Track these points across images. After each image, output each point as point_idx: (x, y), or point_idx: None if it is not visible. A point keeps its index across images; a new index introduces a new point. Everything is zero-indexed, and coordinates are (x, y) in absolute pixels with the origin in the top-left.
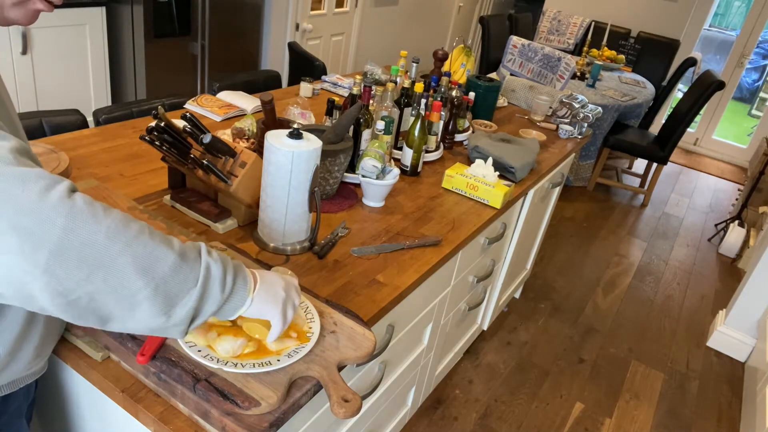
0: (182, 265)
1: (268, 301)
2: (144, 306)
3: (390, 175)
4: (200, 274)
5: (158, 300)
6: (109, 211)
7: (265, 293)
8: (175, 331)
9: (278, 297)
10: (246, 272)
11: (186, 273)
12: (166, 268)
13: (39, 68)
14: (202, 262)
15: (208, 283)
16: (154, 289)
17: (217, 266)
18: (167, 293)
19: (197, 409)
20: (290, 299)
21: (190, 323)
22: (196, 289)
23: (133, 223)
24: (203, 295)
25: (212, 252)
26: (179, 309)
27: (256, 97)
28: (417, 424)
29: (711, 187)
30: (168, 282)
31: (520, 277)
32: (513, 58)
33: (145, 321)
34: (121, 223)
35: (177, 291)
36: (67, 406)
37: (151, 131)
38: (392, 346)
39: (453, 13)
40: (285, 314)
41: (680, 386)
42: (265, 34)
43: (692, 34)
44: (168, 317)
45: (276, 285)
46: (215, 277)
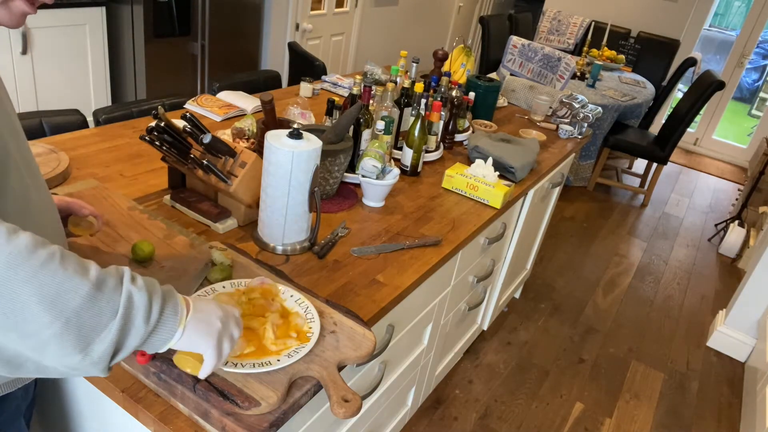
0: (98, 295)
1: (201, 333)
2: (54, 344)
3: (390, 175)
4: (120, 304)
5: (71, 336)
6: (15, 235)
7: (198, 324)
8: (95, 370)
9: (213, 328)
10: (177, 300)
11: (103, 304)
12: (79, 300)
13: (39, 68)
14: (123, 291)
15: (130, 314)
16: (64, 324)
17: (140, 295)
18: (81, 328)
19: (197, 409)
20: (227, 331)
21: (112, 359)
22: (116, 322)
23: (41, 249)
24: (124, 327)
25: (137, 279)
26: (97, 345)
27: (256, 97)
28: (417, 424)
29: (711, 187)
30: (81, 316)
31: (520, 277)
32: (513, 58)
33: (60, 359)
34: (26, 249)
35: (93, 325)
36: (66, 406)
37: (151, 131)
38: (392, 346)
39: (453, 13)
40: (220, 348)
41: (680, 386)
42: (265, 34)
43: (692, 34)
44: (84, 354)
45: (212, 315)
46: (138, 306)
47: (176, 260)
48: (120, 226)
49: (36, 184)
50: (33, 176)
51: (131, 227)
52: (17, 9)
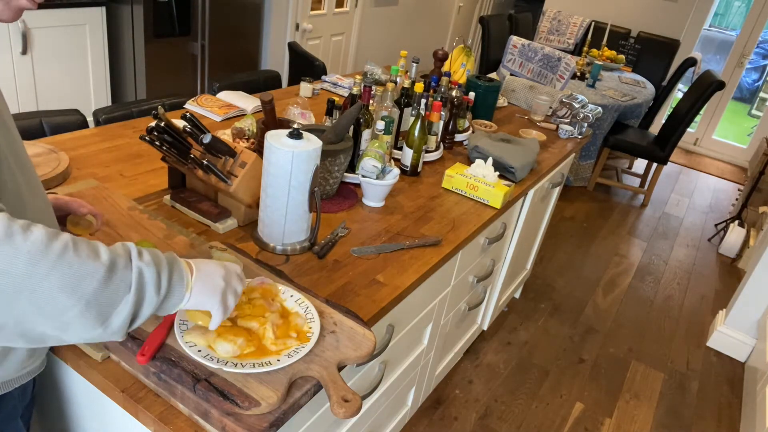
0: (112, 276)
1: (207, 293)
2: (78, 322)
3: (390, 175)
4: (133, 280)
5: (91, 314)
6: (29, 232)
7: (203, 284)
8: (115, 337)
9: (217, 287)
10: (181, 266)
11: (117, 282)
12: (96, 283)
13: (39, 68)
14: (134, 267)
15: (142, 287)
16: (85, 305)
17: (149, 269)
18: (100, 306)
19: (197, 409)
20: (230, 287)
21: (129, 326)
22: (131, 295)
23: (55, 242)
24: (138, 299)
25: (143, 254)
26: (115, 318)
27: (256, 97)
28: (417, 424)
29: (711, 187)
30: (99, 296)
31: (520, 277)
32: (513, 58)
33: (82, 334)
34: (42, 244)
35: (110, 302)
36: (66, 406)
37: (151, 131)
38: (392, 346)
39: (453, 13)
40: (225, 303)
41: (680, 386)
42: (265, 34)
43: (692, 34)
44: (105, 327)
45: (214, 275)
46: (149, 280)
47: None
48: (120, 226)
49: (29, 182)
50: (26, 174)
51: (131, 227)
52: (15, 4)
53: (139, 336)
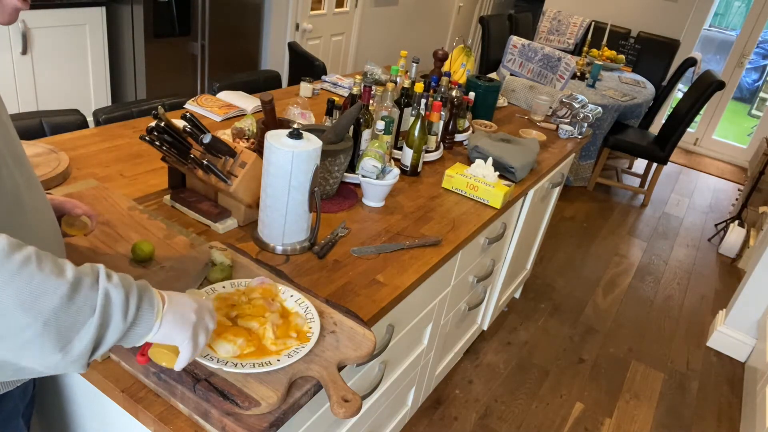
0: (76, 295)
1: (177, 325)
2: (34, 345)
3: (390, 175)
4: (98, 302)
5: (50, 336)
6: None
7: (173, 316)
8: (75, 367)
9: (188, 321)
10: (153, 295)
11: (80, 304)
12: (56, 301)
13: (39, 68)
14: (100, 289)
15: (108, 311)
16: (43, 325)
17: (117, 291)
18: (60, 328)
19: (197, 409)
20: (202, 323)
21: (91, 355)
22: (94, 319)
23: (17, 253)
24: (103, 324)
25: (113, 276)
26: (77, 343)
27: (256, 97)
28: (417, 424)
29: (711, 187)
30: (59, 316)
31: (520, 277)
32: (513, 58)
33: (39, 360)
34: (1, 253)
35: (72, 324)
36: (67, 406)
37: (151, 131)
38: (392, 346)
39: (453, 13)
40: (196, 339)
41: (680, 386)
42: (265, 34)
43: (692, 34)
44: (65, 353)
45: (187, 308)
46: (116, 303)
47: (176, 260)
48: (120, 226)
49: (28, 182)
50: (24, 174)
51: (131, 227)
52: (9, 5)
53: None
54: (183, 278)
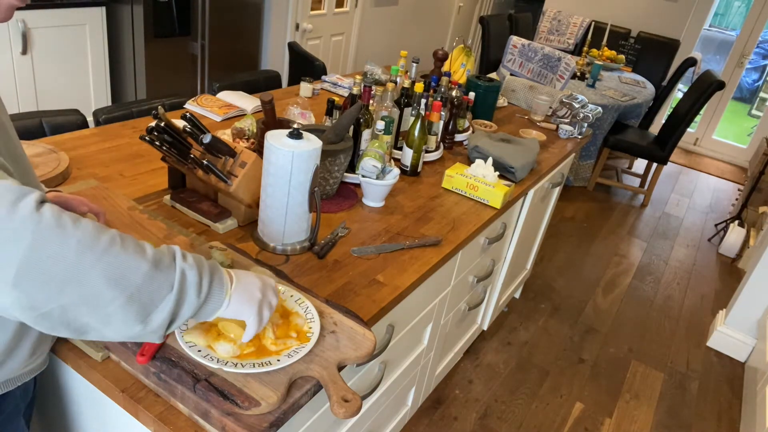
0: (156, 273)
1: (245, 302)
2: (119, 316)
3: (390, 175)
4: (175, 280)
5: (133, 309)
6: (79, 223)
7: (242, 294)
8: (153, 337)
9: (254, 298)
10: (223, 274)
11: (160, 281)
12: (140, 278)
13: (39, 68)
14: (177, 268)
15: (184, 288)
16: (128, 298)
17: (192, 271)
18: (142, 302)
19: (197, 409)
20: (266, 300)
21: (168, 328)
22: (172, 295)
23: (103, 234)
24: (179, 300)
25: (187, 256)
26: (156, 315)
27: (256, 97)
28: (417, 424)
29: (711, 187)
30: (142, 291)
31: (520, 277)
32: (513, 58)
33: (122, 330)
34: (90, 235)
35: (152, 299)
36: (67, 406)
37: (151, 131)
38: (392, 346)
39: (453, 13)
40: (261, 315)
41: (680, 386)
42: (265, 34)
43: (692, 34)
44: (145, 324)
45: (253, 286)
46: (191, 282)
47: None
48: (120, 226)
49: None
50: (25, 176)
51: (131, 227)
52: (5, 3)
53: None
54: None
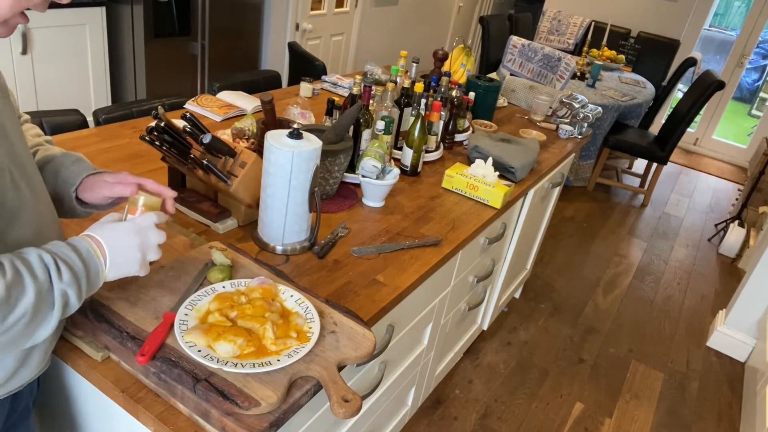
0: (38, 309)
1: (122, 269)
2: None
3: (390, 175)
4: (56, 302)
5: (22, 340)
6: None
7: (117, 265)
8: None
9: (134, 260)
10: (97, 263)
11: (43, 310)
12: (25, 322)
13: (39, 68)
14: (56, 291)
15: (66, 302)
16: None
17: (71, 288)
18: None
19: (197, 409)
20: (150, 249)
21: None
22: (55, 310)
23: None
24: (64, 310)
25: (62, 270)
26: (41, 332)
27: (256, 97)
28: (417, 424)
29: (711, 187)
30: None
31: (520, 277)
32: (513, 58)
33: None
34: None
35: (36, 326)
36: (68, 405)
37: (151, 131)
38: (392, 346)
39: (453, 13)
40: (144, 265)
41: (680, 386)
42: (265, 34)
43: (692, 34)
44: (34, 340)
45: (129, 248)
46: (72, 295)
47: (176, 260)
48: None
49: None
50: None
51: None
52: (13, 23)
53: (139, 336)
54: (183, 278)
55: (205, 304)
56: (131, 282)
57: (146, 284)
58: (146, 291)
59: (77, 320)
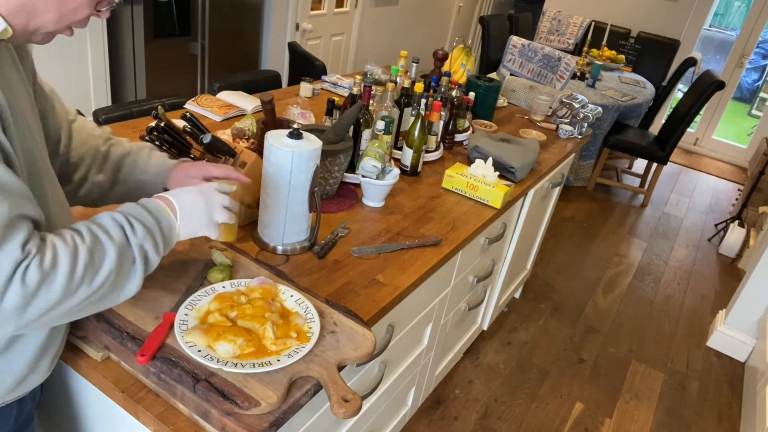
0: (122, 263)
1: (193, 227)
2: (106, 301)
3: (390, 175)
4: (136, 256)
5: (111, 295)
6: (57, 263)
7: (187, 222)
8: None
9: (202, 218)
10: (169, 217)
11: (126, 265)
12: (111, 277)
13: (39, 68)
14: (133, 247)
15: (145, 256)
16: (105, 293)
17: (146, 241)
18: (116, 283)
19: (197, 409)
20: (215, 210)
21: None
22: (137, 265)
23: (78, 265)
24: (145, 265)
25: (136, 228)
26: (130, 285)
27: (256, 97)
28: (417, 424)
29: (711, 187)
30: (115, 281)
31: (520, 277)
32: (513, 58)
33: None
34: (68, 277)
35: (123, 279)
36: (68, 405)
37: (151, 131)
38: (392, 346)
39: (453, 13)
40: (213, 225)
41: (680, 386)
42: (265, 34)
43: (692, 34)
44: (120, 293)
45: (196, 206)
46: (149, 249)
47: (176, 260)
48: None
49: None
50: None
51: None
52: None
53: (139, 336)
54: (183, 278)
55: (205, 304)
56: None
57: (146, 284)
58: (146, 291)
59: (77, 320)
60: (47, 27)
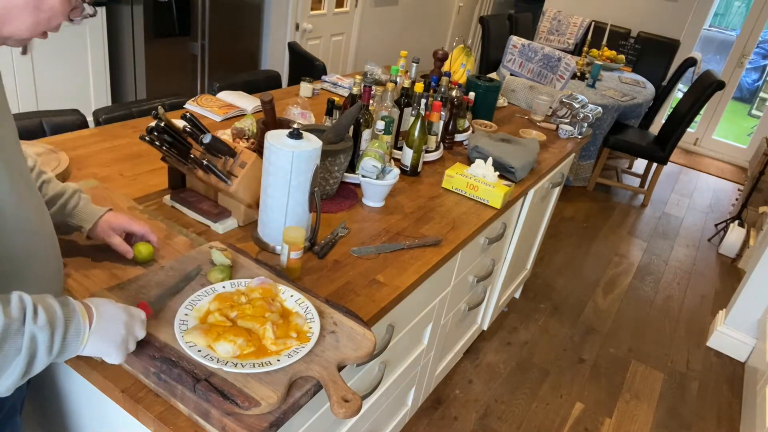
0: (2, 343)
1: (105, 342)
2: None
3: (390, 175)
4: (23, 345)
5: None
6: None
7: (101, 335)
8: (5, 393)
9: (117, 335)
10: (79, 322)
11: (6, 349)
12: None
13: (39, 68)
14: (26, 333)
15: (34, 351)
16: None
17: (42, 332)
18: None
19: (197, 409)
20: (131, 335)
21: (20, 382)
22: (20, 359)
23: None
24: (29, 361)
25: (39, 315)
26: (4, 380)
27: (256, 97)
28: (417, 424)
29: (711, 187)
30: None
31: (520, 277)
32: (513, 58)
33: None
34: None
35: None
36: (66, 406)
37: (151, 131)
38: (392, 346)
39: (453, 13)
40: (122, 351)
41: (680, 386)
42: (265, 34)
43: (692, 34)
44: None
45: (116, 323)
46: (41, 343)
47: (176, 260)
48: None
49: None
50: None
51: None
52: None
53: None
54: (178, 277)
55: (205, 304)
56: (131, 282)
57: (146, 284)
58: (146, 291)
59: None
60: (21, 34)
